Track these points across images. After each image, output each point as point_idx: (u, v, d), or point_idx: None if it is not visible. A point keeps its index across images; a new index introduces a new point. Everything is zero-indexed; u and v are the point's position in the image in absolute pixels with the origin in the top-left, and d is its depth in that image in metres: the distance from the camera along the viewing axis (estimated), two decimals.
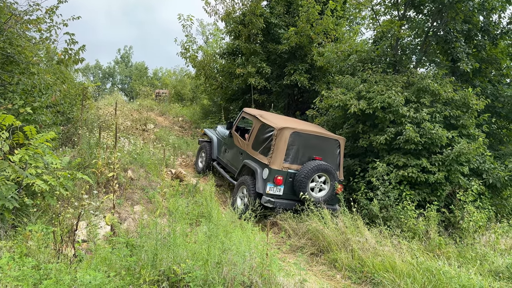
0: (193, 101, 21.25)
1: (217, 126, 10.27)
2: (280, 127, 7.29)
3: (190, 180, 8.25)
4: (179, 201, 6.29)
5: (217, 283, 3.39)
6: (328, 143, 7.69)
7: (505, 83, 10.17)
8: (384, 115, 8.47)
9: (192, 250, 3.93)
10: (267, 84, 13.19)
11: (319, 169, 7.19)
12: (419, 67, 10.75)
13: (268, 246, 4.23)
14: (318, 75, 13.17)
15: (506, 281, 5.35)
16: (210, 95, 16.80)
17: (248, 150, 7.97)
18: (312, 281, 4.84)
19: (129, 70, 46.67)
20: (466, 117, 8.48)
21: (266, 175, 7.19)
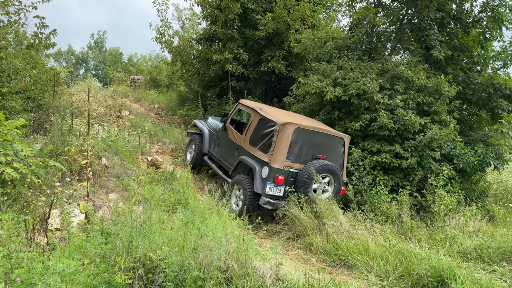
0: (169, 87, 20.96)
1: (208, 118, 9.69)
2: (283, 122, 6.72)
3: (167, 168, 8.19)
4: (155, 188, 6.24)
5: (194, 268, 3.40)
6: (332, 141, 7.18)
7: (476, 70, 10.43)
8: (359, 102, 8.58)
9: (168, 236, 3.93)
10: (245, 71, 13.12)
11: (324, 169, 6.68)
12: (393, 54, 10.90)
13: (245, 232, 4.27)
14: (295, 62, 13.18)
15: (473, 261, 5.58)
16: (187, 82, 16.60)
17: (245, 145, 7.40)
18: (288, 264, 4.92)
19: (103, 55, 45.57)
20: (438, 104, 8.69)
21: (265, 174, 6.65)
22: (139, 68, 25.93)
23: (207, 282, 3.40)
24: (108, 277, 3.41)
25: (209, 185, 8.35)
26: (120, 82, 21.67)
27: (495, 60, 10.35)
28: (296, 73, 12.45)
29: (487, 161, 8.48)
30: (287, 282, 3.90)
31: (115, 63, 37.02)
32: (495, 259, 5.56)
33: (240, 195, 7.01)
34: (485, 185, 9.59)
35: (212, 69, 13.67)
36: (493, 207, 8.67)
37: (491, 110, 9.48)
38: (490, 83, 9.30)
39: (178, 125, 13.15)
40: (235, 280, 3.61)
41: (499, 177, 11.25)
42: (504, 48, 10.04)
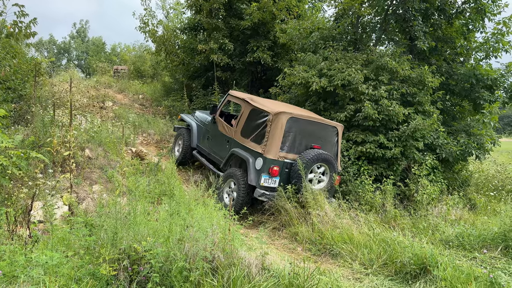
0: (153, 78, 20.71)
1: (195, 111, 9.43)
2: (276, 111, 6.58)
3: (152, 159, 8.12)
4: (140, 179, 6.19)
5: (179, 259, 3.39)
6: (326, 130, 7.07)
7: (459, 61, 10.55)
8: (344, 93, 8.62)
9: (153, 228, 3.90)
10: (230, 61, 13.04)
11: (319, 159, 6.56)
12: (378, 45, 10.96)
13: (231, 222, 4.27)
14: (281, 52, 13.14)
15: (455, 249, 5.70)
16: (172, 72, 16.42)
17: (237, 137, 7.25)
18: (273, 254, 4.95)
19: (86, 45, 44.74)
20: (422, 94, 8.79)
21: (260, 165, 6.51)
22: (123, 58, 25.53)
23: (192, 272, 3.39)
24: (92, 269, 3.37)
25: (195, 176, 8.32)
26: (103, 73, 21.33)
27: (478, 51, 10.49)
28: (282, 63, 12.43)
29: (469, 151, 8.63)
30: (272, 271, 3.92)
31: (98, 53, 36.37)
32: (476, 247, 5.69)
33: (233, 188, 6.88)
34: (467, 175, 9.78)
35: (197, 59, 13.55)
36: (474, 196, 8.85)
37: (473, 101, 9.63)
38: (473, 73, 9.44)
39: (163, 116, 13.04)
40: (221, 270, 3.62)
41: (480, 167, 11.48)
42: (487, 39, 10.17)
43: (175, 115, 13.31)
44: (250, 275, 3.74)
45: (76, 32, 46.65)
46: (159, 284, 3.32)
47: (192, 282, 3.36)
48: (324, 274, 4.38)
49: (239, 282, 3.52)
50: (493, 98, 9.51)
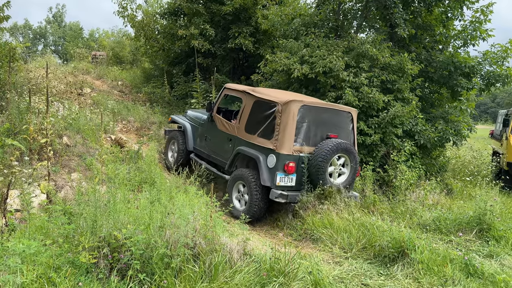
0: (133, 64, 20.34)
1: (187, 111, 8.69)
2: (285, 100, 5.96)
3: (132, 146, 8.02)
4: (120, 167, 6.12)
5: (160, 246, 3.39)
6: (340, 117, 6.50)
7: (438, 49, 10.68)
8: (326, 80, 8.65)
9: (133, 215, 3.87)
10: (212, 47, 12.88)
11: (339, 149, 5.95)
12: (359, 32, 10.99)
13: (212, 209, 4.27)
14: (263, 39, 13.05)
15: (432, 232, 5.86)
16: (152, 58, 16.14)
17: (241, 134, 6.60)
18: (255, 239, 4.99)
19: (63, 30, 43.58)
20: (401, 82, 8.89)
21: (273, 163, 5.88)
22: (101, 43, 24.95)
23: (174, 259, 3.39)
24: (72, 257, 3.34)
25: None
26: (81, 59, 20.81)
27: (456, 39, 10.63)
28: (264, 50, 12.36)
29: (446, 137, 8.81)
30: (254, 256, 3.96)
31: (76, 38, 35.46)
32: (452, 230, 5.85)
33: (243, 191, 6.31)
34: (444, 160, 10.00)
35: (177, 45, 13.33)
36: (451, 181, 9.07)
37: (451, 88, 9.79)
38: (451, 61, 9.58)
39: (143, 103, 12.86)
40: (203, 256, 3.63)
41: (457, 153, 11.76)
42: (465, 27, 10.31)
43: (156, 102, 13.13)
44: (231, 261, 3.77)
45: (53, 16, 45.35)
46: (140, 271, 3.31)
47: (173, 268, 3.37)
48: (305, 259, 4.45)
49: (220, 268, 3.54)
50: (470, 86, 9.69)
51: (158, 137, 9.56)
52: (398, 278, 4.33)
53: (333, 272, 4.33)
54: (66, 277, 3.11)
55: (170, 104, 13.21)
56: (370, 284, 4.15)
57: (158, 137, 9.56)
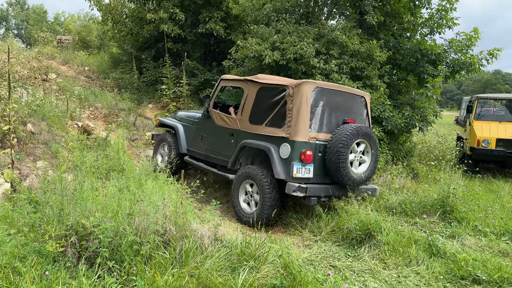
0: (100, 49, 19.77)
1: (176, 112, 8.05)
2: (296, 83, 5.45)
3: (100, 134, 7.84)
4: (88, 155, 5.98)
5: (129, 233, 3.35)
6: (354, 101, 6.03)
7: (405, 36, 10.89)
8: (297, 66, 8.68)
9: (101, 203, 3.81)
10: (182, 32, 12.65)
11: (359, 133, 5.43)
12: (330, 19, 11.06)
13: (183, 195, 4.26)
14: (234, 24, 12.93)
15: (398, 215, 6.06)
16: (120, 43, 15.74)
17: (244, 127, 6.01)
18: (226, 225, 5.02)
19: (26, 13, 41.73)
20: (370, 69, 9.03)
21: (287, 152, 5.28)
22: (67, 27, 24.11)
23: (144, 246, 3.37)
24: (38, 246, 3.26)
25: (146, 151, 8.16)
26: (46, 43, 20.06)
27: (423, 27, 10.87)
28: (235, 36, 12.26)
29: (413, 123, 9.05)
30: (225, 242, 3.99)
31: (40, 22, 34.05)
32: (417, 213, 6.07)
33: (251, 191, 5.71)
34: (410, 146, 10.30)
35: (146, 30, 13.02)
36: (417, 166, 9.36)
37: (418, 75, 10.03)
38: (418, 49, 9.80)
39: (111, 89, 12.55)
40: (173, 242, 3.62)
41: (423, 138, 12.13)
42: (432, 15, 10.54)
43: (124, 88, 12.83)
44: (202, 246, 3.78)
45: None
46: (109, 258, 3.27)
47: (143, 255, 3.35)
48: (275, 242, 4.52)
49: (191, 254, 3.55)
50: (436, 73, 9.96)
51: (126, 124, 9.39)
52: (365, 259, 4.47)
53: (303, 255, 4.43)
54: (32, 267, 3.05)
55: (139, 90, 12.96)
56: (338, 266, 4.27)
57: (126, 124, 9.39)
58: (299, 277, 3.34)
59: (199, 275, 3.27)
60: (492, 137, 9.47)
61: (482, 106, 10.42)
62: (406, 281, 3.99)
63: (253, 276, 3.34)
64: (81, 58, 16.99)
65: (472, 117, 10.13)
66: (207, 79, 12.14)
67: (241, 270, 3.40)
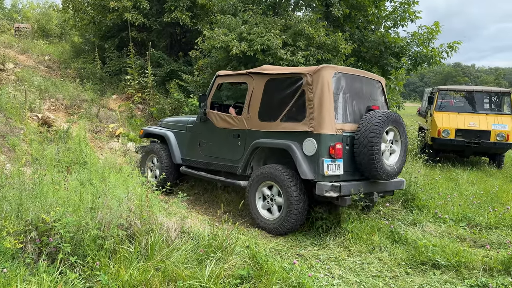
0: (61, 38, 19.01)
1: (162, 120, 7.32)
2: (314, 69, 4.91)
3: (61, 126, 7.57)
4: (48, 148, 5.77)
5: (92, 228, 3.27)
6: (372, 86, 5.53)
7: (370, 29, 11.12)
8: (264, 58, 8.68)
9: (63, 197, 3.69)
10: (146, 21, 12.34)
11: (390, 120, 4.92)
12: (296, 10, 11.11)
13: (149, 188, 4.19)
14: (201, 14, 12.74)
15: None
16: (81, 31, 15.20)
17: (254, 125, 5.39)
18: (193, 217, 4.99)
19: None
20: (336, 60, 9.16)
21: (312, 148, 4.72)
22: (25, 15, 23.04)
23: (107, 240, 3.30)
24: None
25: (109, 143, 7.96)
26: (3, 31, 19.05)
27: (387, 20, 11.12)
28: (202, 26, 12.09)
29: None
30: (192, 234, 3.96)
31: None
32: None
33: (274, 193, 5.07)
34: None
35: (109, 18, 12.61)
36: None
37: (382, 67, 10.28)
38: (382, 41, 10.03)
39: (73, 80, 12.12)
40: (139, 236, 3.56)
41: None
42: (395, 9, 10.80)
43: (87, 78, 12.41)
44: (169, 240, 3.74)
45: None
46: (71, 254, 3.18)
47: (107, 250, 3.27)
48: (243, 233, 4.54)
49: (157, 247, 3.50)
50: (399, 65, 10.24)
51: (89, 116, 9.10)
52: (330, 247, 4.57)
53: (270, 244, 4.47)
54: None
55: (102, 80, 12.59)
56: (304, 254, 4.35)
57: (89, 116, 9.10)
58: (266, 267, 3.37)
59: (165, 268, 3.24)
60: (452, 127, 9.85)
61: (442, 98, 10.81)
62: (369, 268, 4.11)
63: (220, 267, 3.34)
64: (40, 47, 16.28)
65: (433, 108, 10.49)
66: (173, 69, 11.94)
67: (208, 261, 3.39)
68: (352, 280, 3.82)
